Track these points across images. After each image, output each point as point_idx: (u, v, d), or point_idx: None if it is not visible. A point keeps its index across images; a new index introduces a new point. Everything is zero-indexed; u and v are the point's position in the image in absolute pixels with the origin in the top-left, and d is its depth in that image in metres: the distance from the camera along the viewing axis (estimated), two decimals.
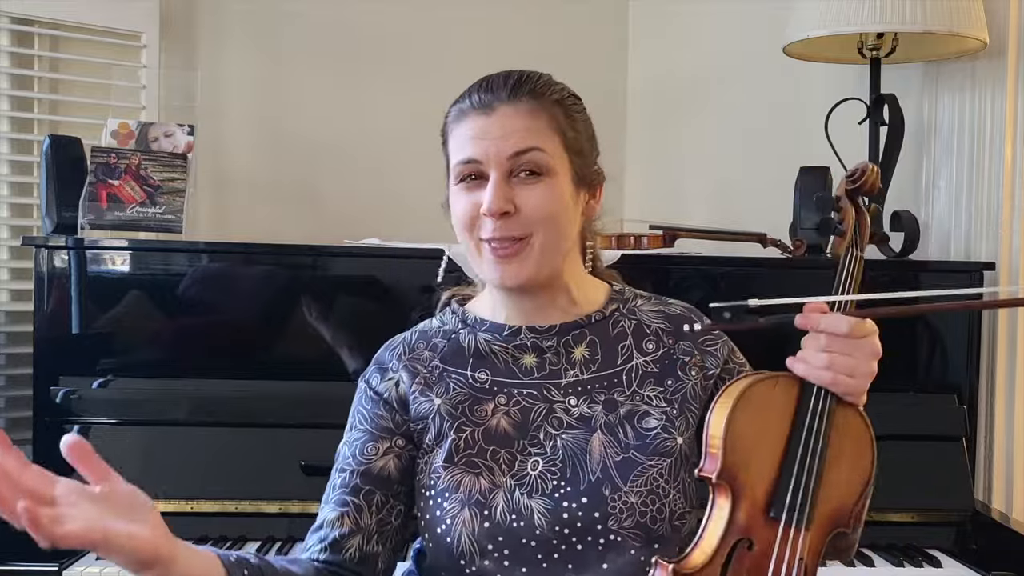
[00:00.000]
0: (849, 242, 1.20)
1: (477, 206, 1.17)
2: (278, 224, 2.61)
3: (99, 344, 1.99)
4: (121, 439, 1.94)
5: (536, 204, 1.16)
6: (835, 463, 1.08)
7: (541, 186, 1.17)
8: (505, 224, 1.16)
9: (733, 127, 2.74)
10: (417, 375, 1.24)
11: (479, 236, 1.18)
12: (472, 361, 1.25)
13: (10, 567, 1.71)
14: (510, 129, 1.17)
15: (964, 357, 2.08)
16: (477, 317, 1.28)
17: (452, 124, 1.22)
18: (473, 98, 1.20)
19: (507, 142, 1.16)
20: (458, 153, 1.20)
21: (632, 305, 1.29)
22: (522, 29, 2.81)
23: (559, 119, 1.20)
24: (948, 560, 1.87)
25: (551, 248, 1.18)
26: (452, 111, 1.23)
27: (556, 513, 1.16)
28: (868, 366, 1.09)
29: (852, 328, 1.07)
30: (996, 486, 2.17)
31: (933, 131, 2.34)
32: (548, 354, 1.24)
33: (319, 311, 2.04)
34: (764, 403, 1.09)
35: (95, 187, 2.07)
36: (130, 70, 2.49)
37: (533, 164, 1.16)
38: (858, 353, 1.08)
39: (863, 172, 1.22)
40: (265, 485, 1.89)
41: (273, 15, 2.67)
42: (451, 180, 1.22)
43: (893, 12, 2.09)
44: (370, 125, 2.73)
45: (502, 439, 1.20)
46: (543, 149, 1.17)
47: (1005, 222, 2.19)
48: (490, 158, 1.16)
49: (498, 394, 1.23)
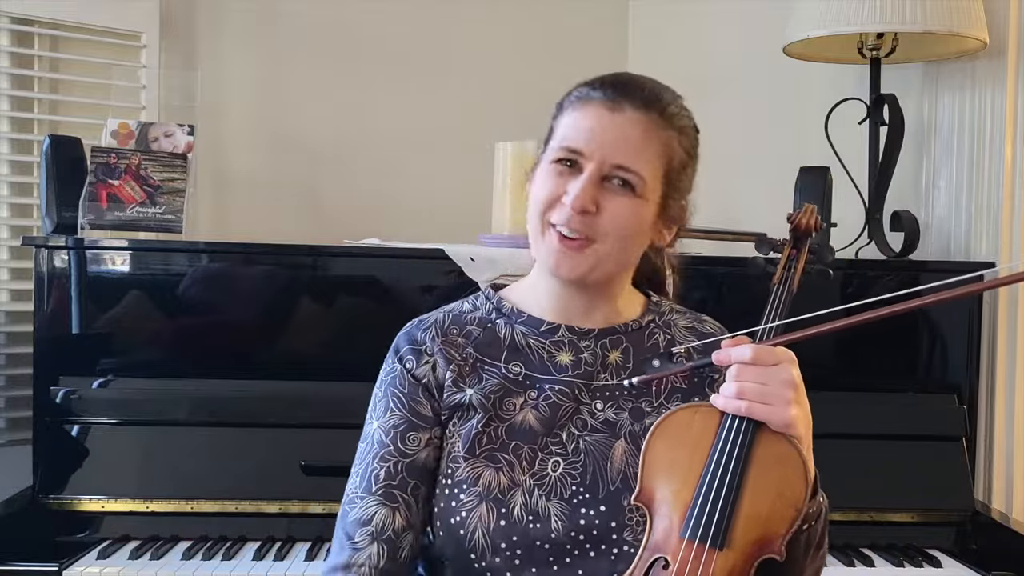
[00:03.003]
0: (779, 278, 1.25)
1: (561, 191, 1.17)
2: (278, 224, 2.61)
3: (99, 344, 1.99)
4: (121, 439, 1.94)
5: (615, 215, 1.16)
6: (756, 490, 1.08)
7: (627, 200, 1.17)
8: (580, 220, 1.16)
9: (733, 127, 2.74)
10: (452, 362, 1.22)
11: (550, 219, 1.18)
12: (507, 353, 1.24)
13: (10, 567, 1.71)
14: (625, 137, 1.17)
15: (964, 357, 2.08)
16: (515, 308, 1.27)
17: (573, 103, 1.20)
18: (606, 89, 1.19)
19: (616, 148, 1.16)
20: (567, 136, 1.19)
21: (668, 319, 1.30)
22: (522, 29, 2.81)
23: (673, 147, 1.20)
24: (948, 560, 1.87)
25: (611, 260, 1.19)
26: (578, 90, 1.21)
27: (573, 519, 1.16)
28: (783, 393, 1.08)
29: (755, 356, 1.09)
30: (996, 486, 2.17)
31: (933, 131, 2.33)
32: (585, 354, 1.24)
33: (319, 311, 2.04)
34: (682, 430, 1.13)
35: (95, 187, 2.07)
36: (130, 70, 2.49)
37: (629, 179, 1.17)
38: (771, 381, 1.09)
39: (797, 214, 1.29)
40: (265, 485, 1.89)
41: (273, 15, 2.67)
42: (546, 154, 1.21)
43: (893, 12, 2.09)
44: (370, 125, 2.73)
45: (526, 434, 1.19)
46: (641, 175, 1.17)
47: (1005, 222, 2.19)
48: (594, 155, 1.16)
49: (529, 388, 1.22)
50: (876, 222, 2.26)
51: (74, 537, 1.85)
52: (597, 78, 1.22)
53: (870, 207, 2.28)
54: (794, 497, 1.09)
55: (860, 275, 2.15)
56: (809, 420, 1.12)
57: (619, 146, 1.16)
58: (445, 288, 1.98)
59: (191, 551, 1.81)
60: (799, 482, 1.09)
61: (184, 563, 1.76)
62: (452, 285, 1.95)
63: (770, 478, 1.09)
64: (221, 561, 1.77)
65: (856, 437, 1.95)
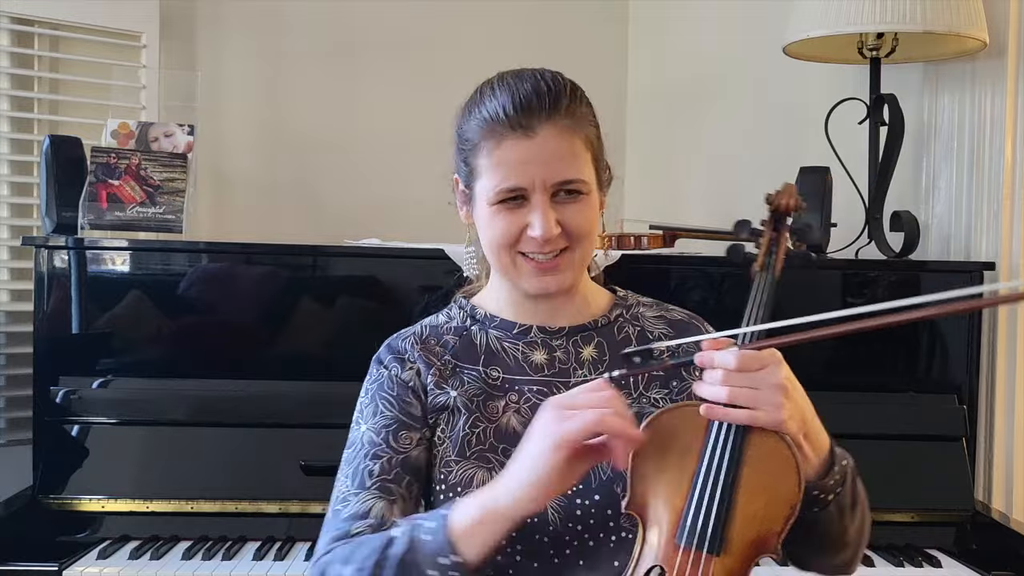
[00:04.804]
0: (761, 265, 1.17)
1: (520, 226, 1.18)
2: (278, 224, 2.61)
3: (99, 344, 1.99)
4: (121, 439, 1.94)
5: (579, 222, 1.19)
6: (750, 491, 1.06)
7: (580, 205, 1.20)
8: (552, 242, 1.19)
9: (733, 127, 2.74)
10: (432, 366, 1.25)
11: (519, 250, 1.20)
12: (484, 358, 1.26)
13: (10, 567, 1.71)
14: (552, 154, 1.17)
15: (964, 357, 2.08)
16: (487, 313, 1.29)
17: (485, 141, 1.19)
18: (510, 117, 1.17)
19: (552, 169, 1.17)
20: (499, 179, 1.18)
21: (635, 311, 1.32)
22: (522, 30, 2.81)
23: (590, 135, 1.22)
24: (948, 560, 1.87)
25: (587, 256, 1.25)
26: (482, 124, 1.19)
27: (569, 510, 1.17)
28: (773, 397, 1.06)
29: (741, 362, 1.06)
30: (996, 486, 2.17)
31: (933, 131, 2.33)
32: (558, 352, 1.26)
33: (319, 311, 2.04)
34: (670, 434, 1.10)
35: (95, 187, 2.07)
36: (130, 70, 2.49)
37: (576, 188, 1.19)
38: (760, 384, 1.06)
39: (776, 193, 1.22)
40: (265, 485, 1.89)
41: (273, 15, 2.67)
42: (481, 195, 1.21)
43: (893, 12, 2.09)
44: (370, 125, 2.73)
45: (512, 438, 1.20)
46: (584, 179, 1.19)
47: (1005, 222, 2.19)
48: (536, 184, 1.17)
49: (509, 391, 1.24)
50: (876, 222, 2.26)
51: (74, 537, 1.85)
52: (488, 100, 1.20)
53: (870, 207, 2.28)
54: (788, 494, 1.07)
55: (860, 275, 2.15)
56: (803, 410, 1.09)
57: (552, 165, 1.17)
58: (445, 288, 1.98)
59: (191, 551, 1.81)
60: (792, 478, 1.08)
61: (184, 563, 1.76)
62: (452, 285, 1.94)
63: (763, 477, 1.07)
64: (221, 561, 1.78)
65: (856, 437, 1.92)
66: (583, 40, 2.84)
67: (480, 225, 1.24)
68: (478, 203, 1.23)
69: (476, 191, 1.22)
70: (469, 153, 1.22)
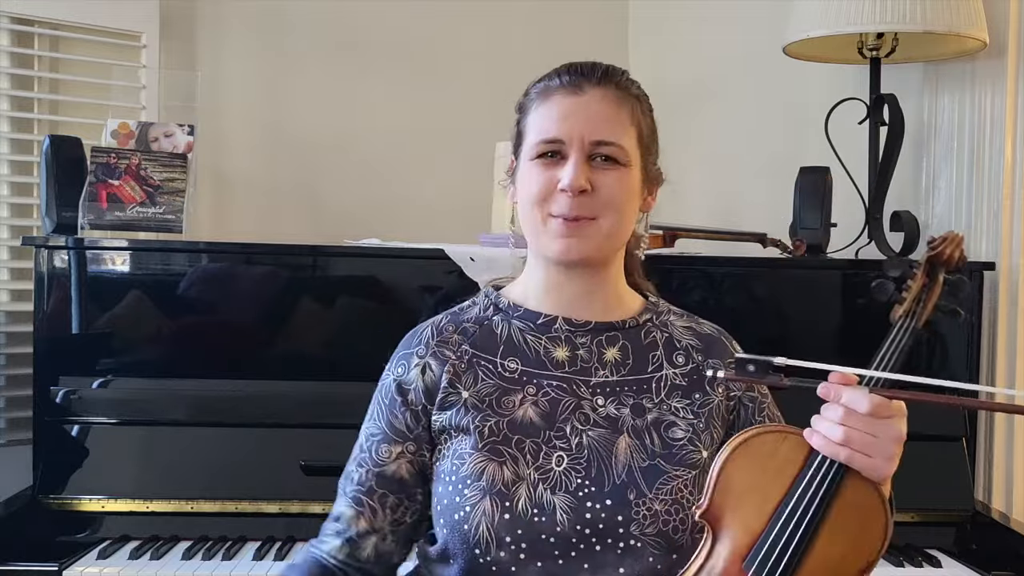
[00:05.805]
0: (906, 311, 1.11)
1: (554, 182, 1.20)
2: (278, 224, 2.61)
3: (99, 344, 1.99)
4: (121, 439, 1.94)
5: (610, 189, 1.20)
6: (831, 535, 1.04)
7: (616, 173, 1.21)
8: (579, 202, 1.19)
9: (733, 127, 2.74)
10: (446, 363, 1.24)
11: (549, 211, 1.21)
12: (502, 349, 1.25)
13: (10, 567, 1.71)
14: (597, 113, 1.20)
15: (964, 357, 2.08)
16: (511, 303, 1.29)
17: (535, 100, 1.24)
18: (562, 78, 1.23)
19: (593, 126, 1.20)
20: (541, 130, 1.22)
21: (665, 319, 1.31)
22: (522, 30, 2.81)
23: (638, 114, 1.25)
24: (948, 560, 1.86)
25: (613, 233, 1.22)
26: (536, 87, 1.25)
27: (579, 512, 1.16)
28: (888, 448, 1.05)
29: (873, 408, 1.03)
30: (996, 486, 2.17)
31: (933, 131, 2.33)
32: (580, 350, 1.25)
33: (319, 311, 2.04)
34: (766, 455, 1.06)
35: (95, 187, 2.07)
36: (130, 70, 2.49)
37: (612, 154, 1.20)
38: (880, 433, 1.04)
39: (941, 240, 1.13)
40: (265, 485, 1.89)
41: (273, 15, 2.67)
42: (524, 154, 1.24)
43: (893, 12, 2.09)
44: (370, 125, 2.73)
45: (528, 428, 1.20)
46: (623, 146, 1.21)
47: (1005, 222, 2.19)
48: (574, 139, 1.20)
49: (527, 384, 1.23)
50: (876, 222, 2.26)
51: (74, 537, 1.85)
52: (549, 72, 1.26)
53: (870, 207, 2.28)
54: (870, 548, 1.04)
55: (860, 275, 2.15)
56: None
57: (594, 124, 1.20)
58: (445, 288, 1.98)
59: (191, 551, 1.81)
60: (878, 534, 1.05)
61: (184, 563, 1.76)
62: (452, 285, 1.95)
63: (849, 526, 1.04)
64: (221, 561, 1.78)
65: None
66: (583, 40, 2.84)
67: (519, 187, 1.26)
68: (521, 167, 1.25)
69: (521, 154, 1.25)
70: (521, 118, 1.27)
